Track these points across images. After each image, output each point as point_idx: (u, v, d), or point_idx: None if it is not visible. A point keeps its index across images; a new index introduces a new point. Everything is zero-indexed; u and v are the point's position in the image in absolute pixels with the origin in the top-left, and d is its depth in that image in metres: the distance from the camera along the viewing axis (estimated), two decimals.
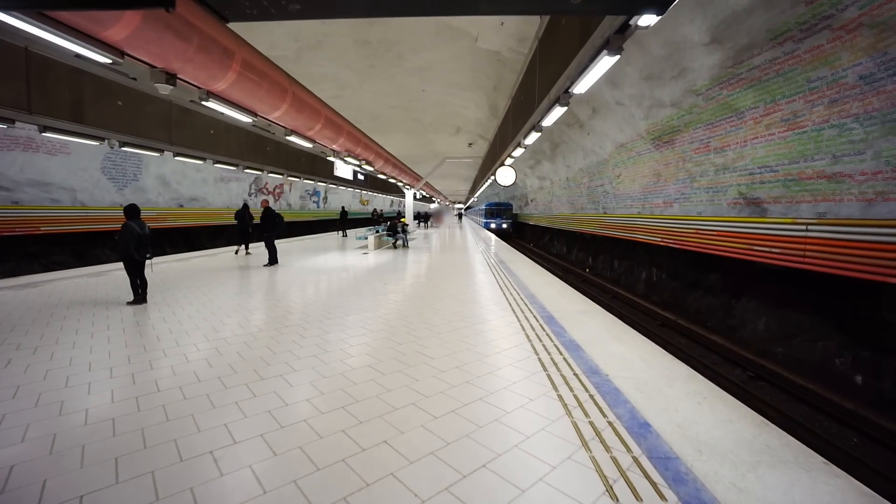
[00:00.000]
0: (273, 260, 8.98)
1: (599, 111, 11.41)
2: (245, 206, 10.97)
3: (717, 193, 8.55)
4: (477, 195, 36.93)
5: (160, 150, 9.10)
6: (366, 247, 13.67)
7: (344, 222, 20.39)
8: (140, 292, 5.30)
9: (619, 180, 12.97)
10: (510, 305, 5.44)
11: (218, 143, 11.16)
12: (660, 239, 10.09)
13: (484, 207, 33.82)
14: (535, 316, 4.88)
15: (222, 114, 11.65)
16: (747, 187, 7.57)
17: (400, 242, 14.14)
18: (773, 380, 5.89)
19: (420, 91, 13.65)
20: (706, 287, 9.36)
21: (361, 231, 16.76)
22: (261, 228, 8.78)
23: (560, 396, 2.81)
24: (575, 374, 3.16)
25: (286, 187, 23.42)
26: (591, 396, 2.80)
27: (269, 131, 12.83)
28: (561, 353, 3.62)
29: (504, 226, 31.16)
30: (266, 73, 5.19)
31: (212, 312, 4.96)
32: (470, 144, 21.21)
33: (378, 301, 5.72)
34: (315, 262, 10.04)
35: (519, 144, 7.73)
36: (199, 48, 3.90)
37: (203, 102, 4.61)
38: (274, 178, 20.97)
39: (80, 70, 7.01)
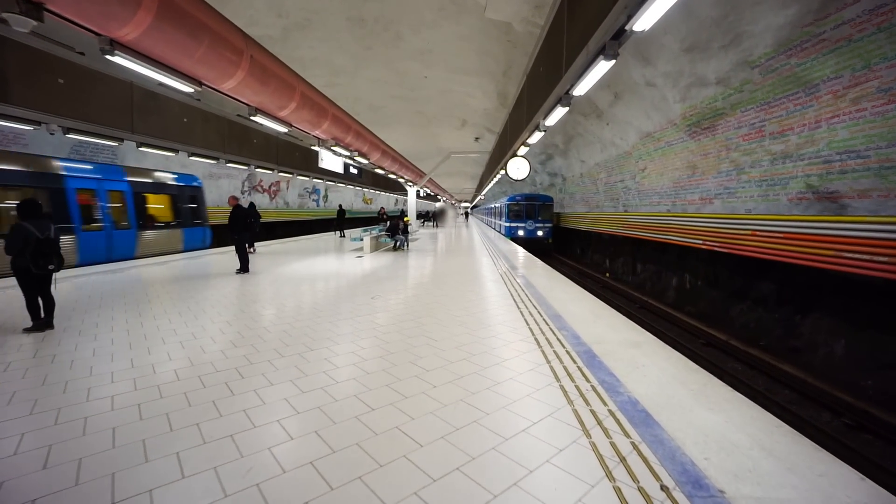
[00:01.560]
0: (244, 267, 7.65)
1: (623, 96, 10.00)
2: (252, 204, 11.91)
3: (774, 187, 7.10)
4: (484, 193, 34.54)
5: (119, 140, 7.85)
6: (361, 249, 12.37)
7: (341, 222, 19.09)
8: (43, 316, 4.03)
9: (644, 174, 11.53)
10: (532, 333, 4.09)
11: (194, 132, 9.92)
12: (700, 241, 8.65)
13: (505, 203, 21.33)
14: (568, 352, 3.52)
15: (198, 100, 10.43)
16: (819, 178, 6.14)
17: (400, 244, 12.80)
18: (881, 430, 4.48)
19: (422, 78, 12.39)
20: (756, 298, 7.91)
21: (361, 231, 15.49)
22: (229, 230, 7.45)
23: None
24: (664, 489, 1.81)
25: (283, 185, 22.17)
26: None
27: (254, 120, 11.59)
28: (626, 434, 2.26)
29: (539, 234, 19.73)
30: (206, 23, 3.88)
31: (129, 345, 3.67)
32: (477, 139, 19.87)
33: (358, 326, 4.39)
34: (299, 267, 8.74)
35: (538, 127, 6.35)
36: None
37: (108, 56, 3.32)
38: (270, 175, 19.77)
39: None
